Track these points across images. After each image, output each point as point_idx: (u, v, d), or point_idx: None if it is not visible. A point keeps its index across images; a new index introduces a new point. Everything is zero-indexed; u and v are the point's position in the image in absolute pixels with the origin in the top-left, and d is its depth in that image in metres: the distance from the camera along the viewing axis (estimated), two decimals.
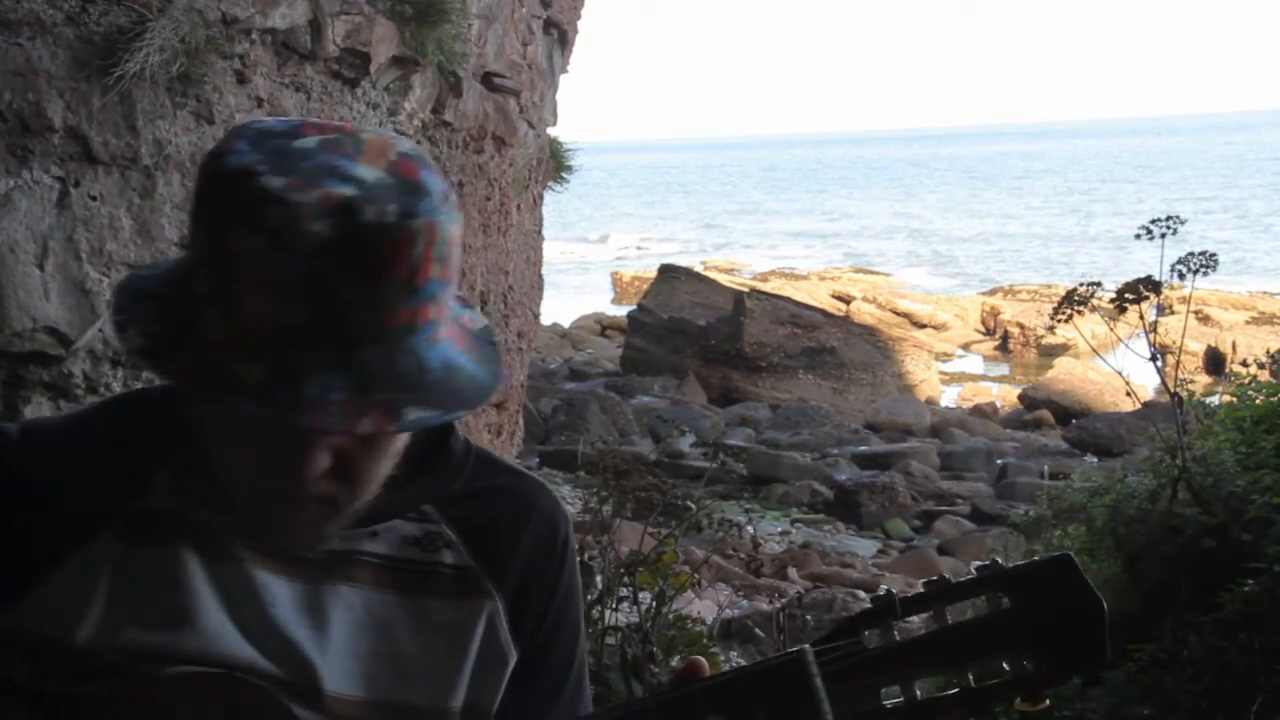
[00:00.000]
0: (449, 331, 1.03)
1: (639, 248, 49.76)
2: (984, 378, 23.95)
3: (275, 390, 0.94)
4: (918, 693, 1.07)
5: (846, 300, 29.19)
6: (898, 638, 1.07)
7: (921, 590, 1.08)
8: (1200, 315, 23.92)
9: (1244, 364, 5.84)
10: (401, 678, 1.13)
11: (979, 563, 1.10)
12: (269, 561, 1.11)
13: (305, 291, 0.94)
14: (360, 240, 0.94)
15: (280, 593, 1.10)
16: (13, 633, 1.07)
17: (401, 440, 1.08)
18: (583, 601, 1.35)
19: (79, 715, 1.05)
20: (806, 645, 1.06)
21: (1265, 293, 30.09)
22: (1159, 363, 4.87)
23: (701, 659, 1.11)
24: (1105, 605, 1.06)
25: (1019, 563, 1.08)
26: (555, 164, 6.12)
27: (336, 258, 0.94)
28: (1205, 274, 4.67)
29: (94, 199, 2.71)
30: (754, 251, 46.27)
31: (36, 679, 1.06)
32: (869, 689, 1.06)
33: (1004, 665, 1.07)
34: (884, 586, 1.09)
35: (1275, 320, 26.41)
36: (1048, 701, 1.07)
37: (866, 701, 1.06)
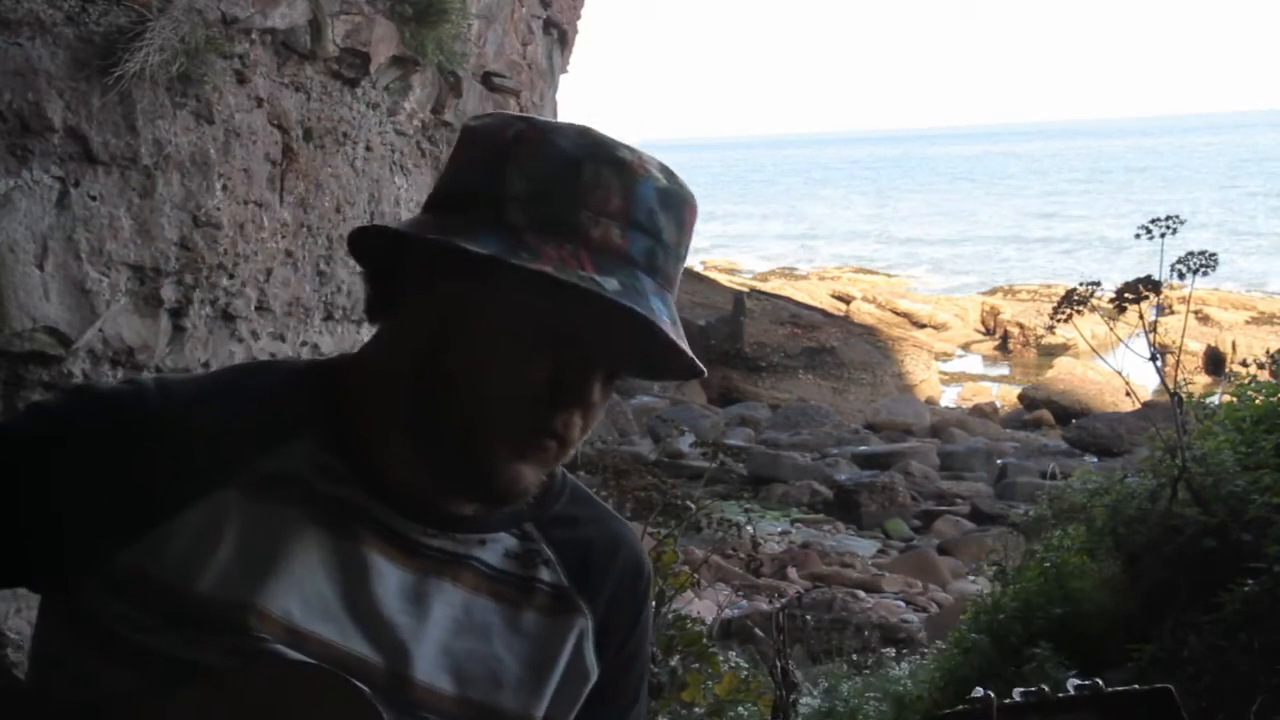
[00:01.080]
0: None
1: None
2: (984, 378, 23.96)
3: (632, 297, 1.06)
4: None
5: (846, 300, 29.20)
6: None
7: (1020, 699, 1.09)
8: (1200, 315, 23.92)
9: (1244, 364, 5.85)
10: (492, 680, 1.16)
11: (1078, 681, 1.10)
12: (385, 547, 1.13)
13: (647, 226, 1.09)
14: (681, 197, 1.12)
15: (389, 577, 1.13)
16: (136, 575, 1.07)
17: (594, 426, 1.17)
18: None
19: (175, 679, 1.05)
20: None
21: (1264, 292, 30.12)
22: (1159, 363, 4.87)
23: None
24: None
25: (1120, 688, 1.09)
26: None
27: (668, 205, 1.11)
28: (1205, 274, 4.67)
29: (94, 199, 2.71)
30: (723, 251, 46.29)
31: (147, 630, 1.06)
32: None
33: None
34: (980, 690, 1.09)
35: (1275, 320, 26.41)
36: None
37: None
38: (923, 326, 26.93)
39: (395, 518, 1.14)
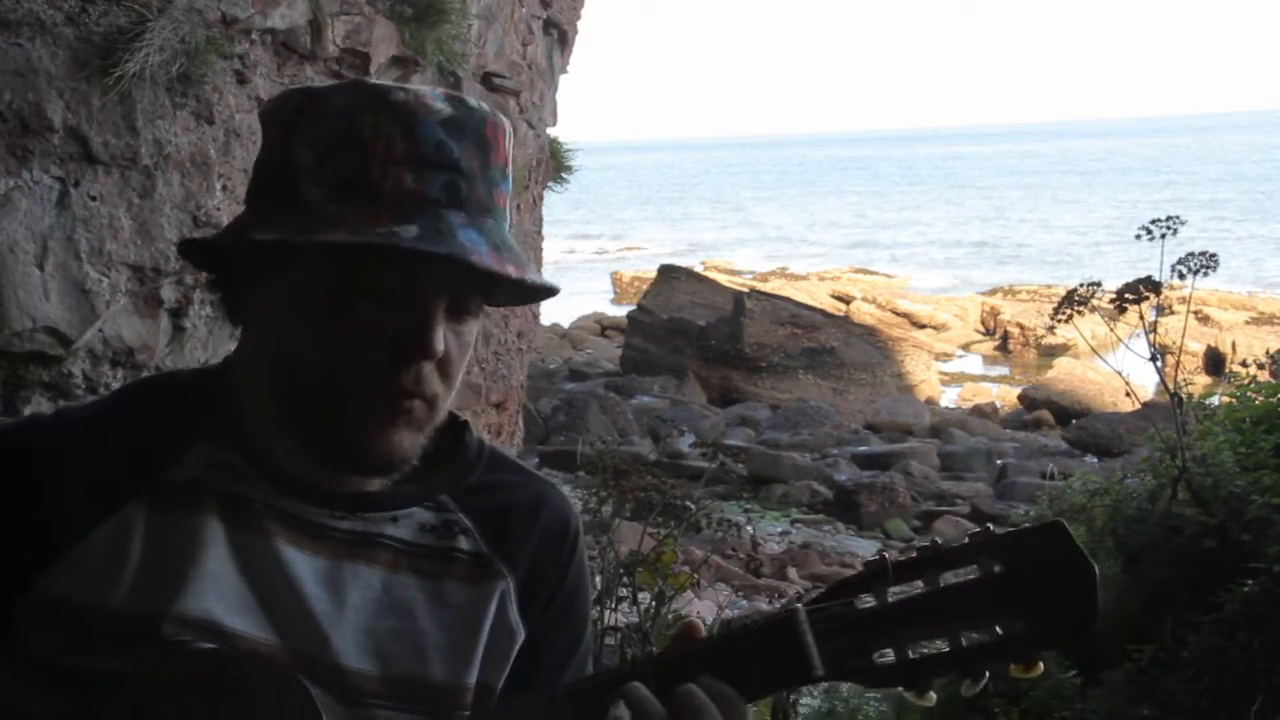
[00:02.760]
0: None
1: (625, 248, 49.52)
2: (984, 378, 23.94)
3: (433, 240, 1.06)
4: (910, 653, 1.08)
5: (846, 300, 29.19)
6: (890, 600, 1.08)
7: (914, 555, 1.09)
8: (1200, 315, 23.91)
9: (1244, 364, 5.84)
10: (417, 655, 1.17)
11: (972, 529, 1.12)
12: (294, 536, 1.15)
13: (438, 161, 1.08)
14: (474, 119, 1.11)
15: (302, 567, 1.14)
16: (50, 601, 1.09)
17: (463, 366, 1.17)
18: (591, 597, 1.40)
19: (94, 701, 1.07)
20: (799, 604, 1.09)
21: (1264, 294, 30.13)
22: (1159, 363, 4.87)
23: (696, 622, 1.14)
24: (1096, 569, 1.08)
25: (1010, 529, 1.10)
26: (555, 164, 6.12)
27: (458, 132, 1.10)
28: (1206, 274, 4.67)
29: (94, 199, 2.71)
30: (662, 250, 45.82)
31: (70, 653, 1.08)
32: (861, 648, 1.08)
33: (996, 630, 1.07)
34: (878, 551, 1.09)
35: (1275, 320, 26.41)
36: (1041, 667, 1.08)
37: (858, 660, 1.08)
38: (923, 327, 26.91)
39: (300, 505, 1.15)
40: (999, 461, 15.93)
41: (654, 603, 4.82)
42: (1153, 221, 4.82)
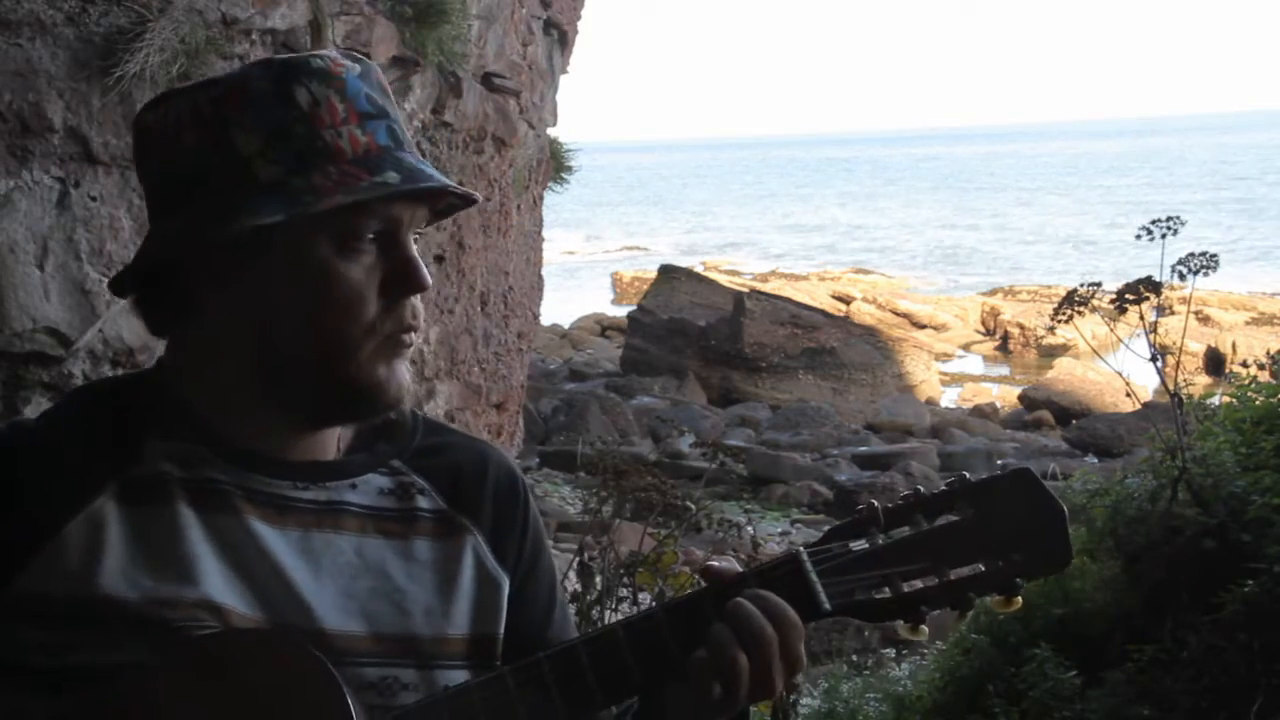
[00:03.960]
0: None
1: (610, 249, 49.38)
2: (984, 378, 23.94)
3: (415, 179, 1.14)
4: (904, 588, 1.18)
5: (846, 301, 29.18)
6: (882, 542, 1.19)
7: (900, 502, 1.21)
8: (1200, 316, 23.90)
9: (1244, 364, 5.84)
10: (399, 611, 1.20)
11: (949, 478, 1.24)
12: (264, 512, 1.17)
13: (373, 112, 1.16)
14: (372, 69, 1.18)
15: (275, 541, 1.16)
16: (38, 597, 1.09)
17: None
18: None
19: (98, 694, 1.06)
20: (800, 547, 1.19)
21: (1266, 293, 30.13)
22: (1159, 363, 4.87)
23: (714, 564, 1.22)
24: (1065, 509, 1.21)
25: (984, 476, 1.23)
26: (555, 164, 6.12)
27: (369, 83, 1.17)
28: (1206, 275, 4.67)
29: (94, 199, 2.71)
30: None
31: (58, 652, 1.08)
32: (861, 585, 1.18)
33: (980, 566, 1.19)
34: (870, 500, 1.22)
35: (1275, 320, 26.41)
36: (1020, 601, 1.20)
37: (860, 595, 1.19)
38: (923, 327, 26.90)
39: (263, 481, 1.18)
40: (999, 462, 15.91)
41: (654, 603, 4.81)
42: (1153, 222, 4.82)
